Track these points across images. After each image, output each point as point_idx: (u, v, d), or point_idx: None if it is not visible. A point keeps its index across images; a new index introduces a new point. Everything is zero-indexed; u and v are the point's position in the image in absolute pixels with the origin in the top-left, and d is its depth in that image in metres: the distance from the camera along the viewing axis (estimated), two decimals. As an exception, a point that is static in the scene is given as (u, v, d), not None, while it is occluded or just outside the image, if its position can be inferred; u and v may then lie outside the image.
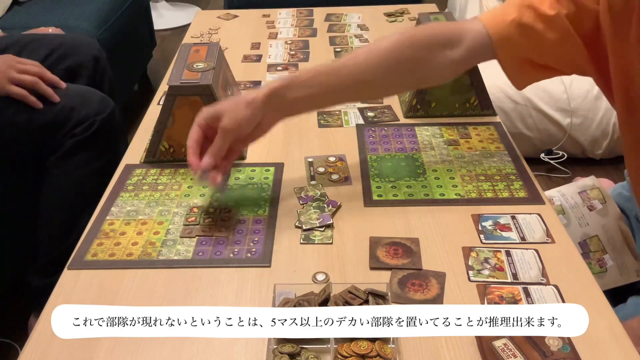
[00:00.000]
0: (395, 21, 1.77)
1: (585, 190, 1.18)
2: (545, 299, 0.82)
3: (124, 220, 0.99)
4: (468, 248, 0.91)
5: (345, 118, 1.27)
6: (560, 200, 1.18)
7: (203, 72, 1.10)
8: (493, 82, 2.15)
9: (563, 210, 1.16)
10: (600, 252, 1.10)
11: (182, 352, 0.76)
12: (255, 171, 1.11)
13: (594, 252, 1.10)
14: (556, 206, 1.18)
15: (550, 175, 2.27)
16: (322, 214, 0.98)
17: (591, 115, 2.22)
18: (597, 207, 1.14)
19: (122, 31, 2.40)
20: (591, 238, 1.11)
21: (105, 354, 0.76)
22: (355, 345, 0.71)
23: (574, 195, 1.18)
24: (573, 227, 1.14)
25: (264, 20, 1.80)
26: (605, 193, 1.17)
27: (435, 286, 0.85)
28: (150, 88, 2.93)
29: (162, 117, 1.10)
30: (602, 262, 1.09)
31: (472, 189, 1.04)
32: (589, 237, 1.11)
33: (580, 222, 1.13)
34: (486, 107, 1.25)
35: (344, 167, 1.11)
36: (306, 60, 1.54)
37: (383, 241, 0.93)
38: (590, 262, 1.09)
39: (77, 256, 0.92)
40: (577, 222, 1.14)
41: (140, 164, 1.14)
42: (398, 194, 1.03)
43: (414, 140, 1.18)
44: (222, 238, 0.95)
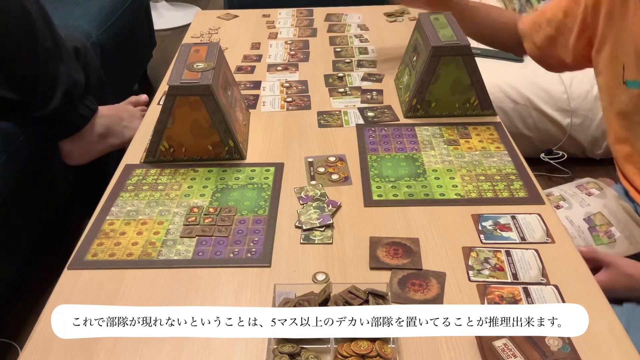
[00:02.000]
0: (395, 21, 1.77)
1: (582, 184, 1.20)
2: (545, 299, 0.82)
3: (124, 220, 0.99)
4: (468, 248, 0.91)
5: (345, 118, 1.27)
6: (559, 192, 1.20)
7: (203, 72, 1.10)
8: (493, 82, 2.16)
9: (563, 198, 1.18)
10: (606, 225, 1.11)
11: (182, 352, 0.76)
12: (255, 171, 1.11)
13: (600, 226, 1.11)
14: (556, 196, 1.19)
15: (550, 175, 2.27)
16: (322, 214, 0.99)
17: (591, 115, 2.22)
18: (595, 194, 1.16)
19: (122, 31, 2.40)
20: (594, 214, 1.12)
21: (105, 354, 0.76)
22: (355, 345, 0.71)
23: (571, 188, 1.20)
24: (575, 208, 1.15)
25: (264, 20, 1.80)
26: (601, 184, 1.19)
27: (435, 286, 0.85)
28: (150, 88, 2.93)
29: (162, 117, 1.10)
30: (609, 234, 1.10)
31: (472, 189, 1.04)
32: (593, 214, 1.12)
33: (581, 204, 1.15)
34: (486, 107, 1.25)
35: (344, 167, 1.11)
36: (306, 60, 1.54)
37: (383, 241, 0.93)
38: (598, 235, 1.10)
39: (77, 256, 0.92)
40: (579, 204, 1.15)
41: (140, 164, 1.14)
42: (398, 194, 1.03)
43: (414, 140, 1.18)
44: (222, 238, 0.95)
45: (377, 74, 1.45)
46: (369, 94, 1.36)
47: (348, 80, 1.43)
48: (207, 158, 1.13)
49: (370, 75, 1.44)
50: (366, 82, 1.42)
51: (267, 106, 1.33)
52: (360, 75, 1.45)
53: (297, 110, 1.31)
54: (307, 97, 1.36)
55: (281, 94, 1.38)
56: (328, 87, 1.40)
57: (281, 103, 1.34)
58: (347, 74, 1.46)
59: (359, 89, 1.39)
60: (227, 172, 1.10)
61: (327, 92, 1.38)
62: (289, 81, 1.44)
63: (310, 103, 1.34)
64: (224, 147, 1.12)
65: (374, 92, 1.37)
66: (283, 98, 1.36)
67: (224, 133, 1.11)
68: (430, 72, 1.20)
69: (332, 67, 1.50)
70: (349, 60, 1.52)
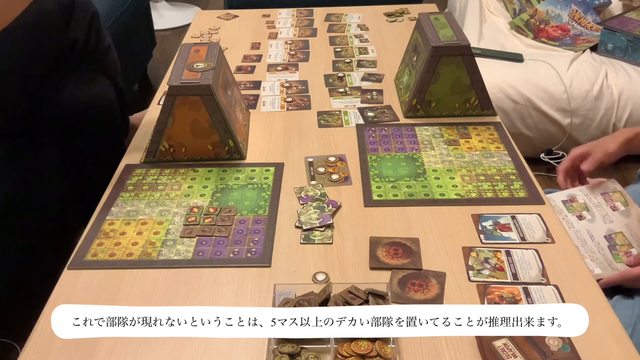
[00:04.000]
0: (395, 21, 1.77)
1: (607, 192, 1.20)
2: (545, 299, 0.82)
3: (124, 220, 0.99)
4: (468, 248, 0.91)
5: (345, 118, 1.27)
6: (584, 199, 1.20)
7: (203, 72, 1.10)
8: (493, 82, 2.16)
9: (587, 207, 1.18)
10: (627, 246, 1.11)
11: (182, 352, 0.76)
12: (255, 171, 1.11)
13: (620, 246, 1.11)
14: (579, 203, 1.19)
15: (550, 175, 2.27)
16: (322, 214, 0.99)
17: (591, 115, 2.22)
18: (619, 209, 1.16)
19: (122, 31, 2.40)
20: (616, 234, 1.13)
21: (105, 354, 0.76)
22: (355, 345, 0.71)
23: (597, 196, 1.20)
24: (597, 222, 1.15)
25: (264, 20, 1.80)
26: (627, 197, 1.19)
27: (435, 286, 0.85)
28: (150, 88, 2.93)
29: (162, 117, 1.10)
30: (629, 254, 1.10)
31: (472, 189, 1.04)
32: (614, 233, 1.13)
33: (604, 219, 1.15)
34: (486, 107, 1.25)
35: (344, 167, 1.11)
36: (306, 60, 1.54)
37: (383, 241, 0.93)
38: (618, 254, 1.10)
39: (77, 256, 0.92)
40: (602, 219, 1.15)
41: (140, 164, 1.14)
42: (398, 194, 1.03)
43: (414, 140, 1.18)
44: (222, 238, 0.95)
45: (377, 74, 1.45)
46: (369, 94, 1.36)
47: (348, 80, 1.43)
48: (207, 158, 1.13)
49: (370, 75, 1.45)
50: (366, 82, 1.42)
51: (267, 106, 1.33)
52: (360, 75, 1.45)
53: (297, 110, 1.31)
54: (307, 97, 1.36)
55: (281, 94, 1.38)
56: (328, 87, 1.40)
57: (281, 103, 1.34)
58: (347, 74, 1.46)
59: (359, 89, 1.39)
60: (227, 172, 1.11)
61: (327, 92, 1.38)
62: (289, 81, 1.44)
63: (310, 103, 1.34)
64: (224, 147, 1.12)
65: (374, 92, 1.37)
66: (283, 98, 1.36)
67: (224, 133, 1.11)
68: (430, 72, 1.20)
69: (332, 67, 1.50)
70: (349, 60, 1.52)
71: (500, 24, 2.60)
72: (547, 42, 2.44)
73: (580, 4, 2.50)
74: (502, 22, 2.61)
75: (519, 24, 2.54)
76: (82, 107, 1.47)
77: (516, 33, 2.52)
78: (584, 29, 2.48)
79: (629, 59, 2.28)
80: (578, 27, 2.49)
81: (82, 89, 1.49)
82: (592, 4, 2.51)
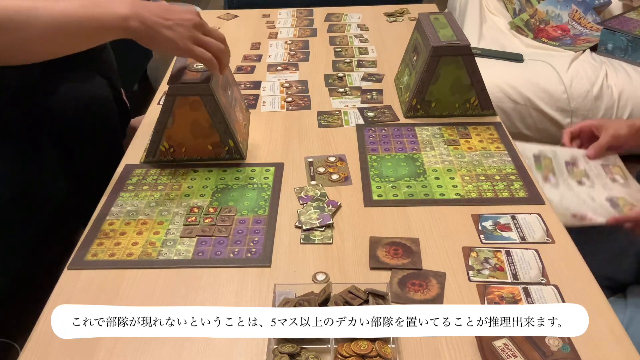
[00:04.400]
0: (395, 21, 1.77)
1: (608, 165, 1.18)
2: (545, 299, 0.82)
3: (124, 220, 0.99)
4: (468, 248, 0.91)
5: (345, 118, 1.27)
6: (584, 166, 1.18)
7: (203, 72, 1.10)
8: (493, 82, 2.16)
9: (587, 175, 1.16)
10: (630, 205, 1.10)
11: (182, 352, 0.76)
12: (255, 171, 1.11)
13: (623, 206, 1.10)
14: (580, 170, 1.17)
15: (550, 175, 2.26)
16: (322, 214, 0.99)
17: (591, 115, 2.22)
18: (619, 182, 1.15)
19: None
20: (618, 197, 1.12)
21: (105, 354, 0.76)
22: (355, 345, 0.71)
23: (597, 166, 1.18)
24: (597, 189, 1.13)
25: (264, 20, 1.80)
26: (626, 172, 1.18)
27: (435, 286, 0.85)
28: (150, 88, 2.93)
29: (162, 117, 1.10)
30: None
31: (472, 189, 1.04)
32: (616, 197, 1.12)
33: (604, 187, 1.14)
34: (486, 107, 1.25)
35: (344, 167, 1.11)
36: (306, 60, 1.54)
37: (383, 241, 0.93)
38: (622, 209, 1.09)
39: (77, 256, 0.92)
40: (602, 187, 1.14)
41: (140, 164, 1.14)
42: (398, 194, 1.03)
43: (414, 140, 1.18)
44: (222, 238, 0.95)
45: (377, 74, 1.45)
46: (369, 94, 1.36)
47: (348, 80, 1.43)
48: (207, 158, 1.13)
49: (370, 75, 1.45)
50: (366, 82, 1.42)
51: (267, 106, 1.33)
52: (360, 75, 1.45)
53: (297, 110, 1.31)
54: (307, 97, 1.36)
55: (281, 94, 1.38)
56: (328, 87, 1.40)
57: (281, 103, 1.34)
58: (347, 74, 1.46)
59: (359, 89, 1.39)
60: (227, 172, 1.10)
61: (327, 92, 1.38)
62: (289, 81, 1.44)
63: (310, 103, 1.34)
64: (224, 147, 1.12)
65: (374, 92, 1.37)
66: (283, 98, 1.36)
67: (224, 133, 1.11)
68: (430, 72, 1.20)
69: (332, 67, 1.50)
70: (349, 60, 1.52)
71: (500, 24, 2.60)
72: (547, 42, 2.44)
73: (580, 4, 2.50)
74: (502, 22, 2.61)
75: (519, 24, 2.54)
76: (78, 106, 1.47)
77: (516, 33, 2.52)
78: (584, 29, 2.48)
79: (629, 59, 2.28)
80: (578, 27, 2.49)
81: (78, 87, 1.49)
82: (592, 4, 2.51)
